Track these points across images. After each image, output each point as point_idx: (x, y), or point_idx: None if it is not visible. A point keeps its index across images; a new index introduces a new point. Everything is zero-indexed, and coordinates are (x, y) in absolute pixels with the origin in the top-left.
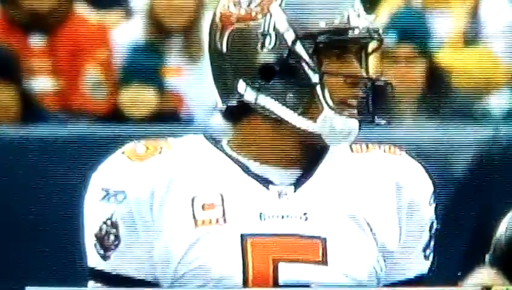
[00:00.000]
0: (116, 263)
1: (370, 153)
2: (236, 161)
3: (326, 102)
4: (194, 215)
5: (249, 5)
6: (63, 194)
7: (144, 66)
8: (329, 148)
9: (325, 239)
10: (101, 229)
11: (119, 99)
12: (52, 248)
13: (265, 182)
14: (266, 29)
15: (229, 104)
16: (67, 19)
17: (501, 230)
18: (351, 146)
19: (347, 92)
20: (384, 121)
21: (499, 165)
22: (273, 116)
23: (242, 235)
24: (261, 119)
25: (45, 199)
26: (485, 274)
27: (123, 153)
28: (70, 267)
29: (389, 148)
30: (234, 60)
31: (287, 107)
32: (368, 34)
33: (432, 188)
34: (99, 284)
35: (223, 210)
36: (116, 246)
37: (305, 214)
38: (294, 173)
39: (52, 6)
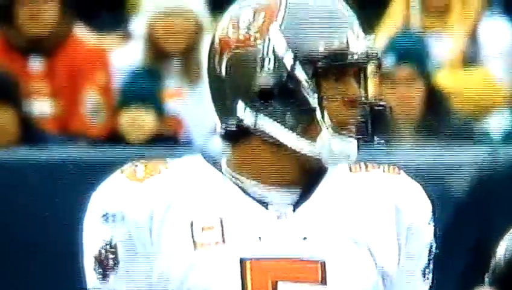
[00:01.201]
0: (115, 286)
1: (369, 172)
2: (235, 182)
3: (325, 124)
4: (193, 237)
5: (248, 30)
6: (61, 217)
7: (143, 89)
8: (328, 169)
9: (324, 261)
10: (100, 252)
11: (118, 122)
12: (51, 271)
13: (264, 203)
14: (265, 52)
15: (228, 127)
16: (66, 42)
17: (500, 250)
18: (350, 166)
19: (346, 114)
20: (383, 141)
21: (497, 186)
22: (271, 138)
23: (241, 258)
24: (259, 141)
25: (44, 222)
26: None
27: (122, 173)
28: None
29: (388, 167)
30: (233, 84)
31: (286, 129)
32: (366, 57)
33: (431, 210)
34: None
35: (222, 232)
36: (115, 268)
37: (304, 235)
38: (294, 193)
39: (52, 30)
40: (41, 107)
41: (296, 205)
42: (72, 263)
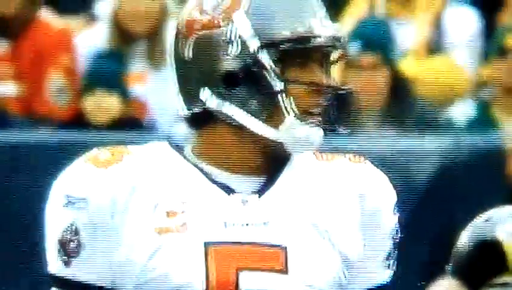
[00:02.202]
0: (78, 270)
1: (334, 161)
2: (200, 168)
3: (289, 110)
4: (156, 222)
5: (213, 12)
6: (24, 200)
7: (108, 73)
8: (292, 155)
9: (286, 248)
10: (62, 236)
11: (83, 105)
12: (14, 255)
13: (229, 189)
14: (230, 36)
15: (192, 111)
16: (31, 24)
17: (463, 240)
18: (315, 154)
19: (310, 100)
20: (347, 130)
21: (461, 175)
22: (236, 123)
23: (205, 243)
24: (224, 127)
25: (6, 205)
26: (446, 284)
27: (85, 159)
28: (31, 274)
29: (354, 156)
30: (198, 68)
31: (251, 114)
32: (331, 42)
33: (394, 198)
34: None
35: (186, 218)
36: (78, 252)
37: (267, 222)
38: (258, 180)
39: (16, 12)
40: (5, 89)
41: (260, 192)
42: (35, 247)
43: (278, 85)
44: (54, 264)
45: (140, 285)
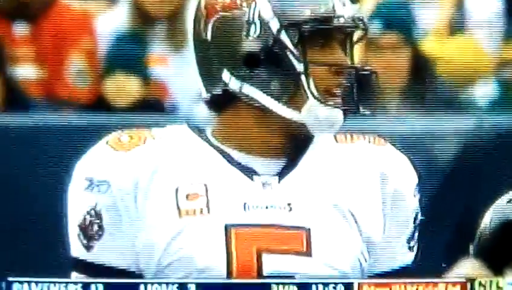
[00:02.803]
0: (100, 254)
1: (355, 143)
2: (221, 151)
3: (311, 91)
4: (177, 205)
5: None
6: (46, 184)
7: (128, 55)
8: (313, 138)
9: (309, 230)
10: (84, 219)
11: (103, 88)
12: (35, 238)
13: (250, 172)
14: (251, 17)
15: (213, 93)
16: (51, 7)
17: (485, 221)
18: (335, 136)
19: (332, 81)
20: (369, 112)
21: (483, 156)
22: (257, 105)
23: (226, 226)
24: (245, 109)
25: (28, 189)
26: (469, 266)
27: (107, 142)
28: (53, 258)
29: (374, 139)
30: (219, 49)
31: (272, 96)
32: (352, 22)
33: (416, 179)
34: (82, 275)
35: (207, 200)
36: (100, 236)
37: (289, 204)
38: (279, 163)
39: None
40: (26, 72)
41: (281, 175)
42: (57, 231)
43: (299, 66)
44: (76, 248)
45: (162, 268)
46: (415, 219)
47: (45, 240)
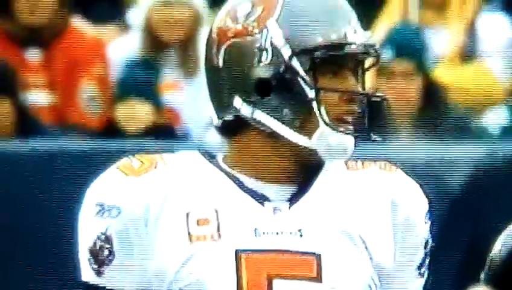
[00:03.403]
0: (110, 278)
1: (365, 170)
2: (231, 177)
3: (322, 118)
4: (188, 230)
5: (245, 20)
6: (57, 208)
7: (140, 81)
8: (324, 164)
9: (319, 256)
10: (95, 244)
11: (115, 114)
12: (47, 262)
13: (260, 198)
14: (263, 44)
15: (224, 119)
16: (63, 33)
17: (496, 248)
18: (346, 163)
19: (343, 108)
20: (380, 138)
21: (494, 183)
22: (268, 131)
23: (236, 251)
24: (256, 135)
25: (39, 213)
26: None
27: (118, 168)
28: (64, 282)
29: (385, 165)
30: (230, 75)
31: (283, 122)
32: (364, 49)
33: (427, 206)
34: None
35: (218, 226)
36: (110, 261)
37: (299, 230)
38: (290, 189)
39: (49, 20)
40: (38, 98)
41: (292, 201)
42: (67, 256)
43: (311, 93)
44: (87, 273)
45: None
46: (426, 245)
47: (56, 265)
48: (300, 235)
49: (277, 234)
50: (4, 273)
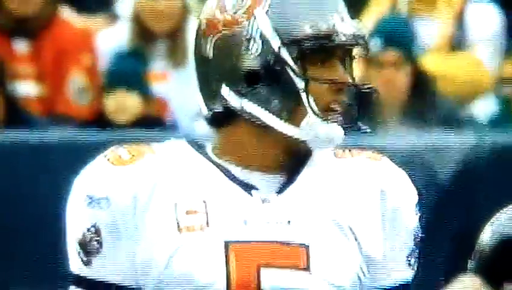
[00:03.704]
0: (99, 269)
1: (354, 158)
2: (220, 167)
3: (311, 108)
4: (177, 221)
5: (234, 11)
6: (46, 199)
7: (129, 72)
8: (312, 154)
9: (308, 246)
10: (83, 235)
11: (104, 104)
12: (35, 253)
13: (249, 188)
14: (251, 34)
15: (213, 110)
16: (51, 23)
17: (484, 237)
18: (334, 151)
19: (332, 98)
20: (369, 128)
21: (483, 172)
22: (257, 122)
23: (225, 242)
24: (245, 125)
25: (28, 204)
26: (468, 282)
27: (106, 157)
28: (52, 273)
29: (373, 154)
30: (219, 66)
31: (272, 112)
32: (353, 39)
33: (416, 196)
34: None
35: (207, 216)
36: (99, 252)
37: (288, 220)
38: (278, 179)
39: (37, 11)
40: (27, 89)
41: (280, 191)
42: (55, 247)
43: (299, 83)
44: (75, 264)
45: (161, 284)
46: (415, 235)
47: (44, 255)
48: (289, 225)
49: (266, 224)
50: None
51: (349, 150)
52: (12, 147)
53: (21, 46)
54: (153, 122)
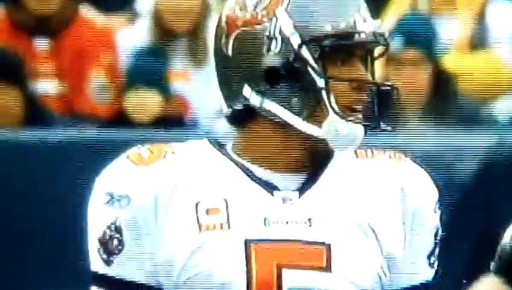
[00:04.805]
0: (120, 268)
1: (375, 159)
2: (241, 166)
3: (332, 107)
4: (198, 220)
5: (255, 9)
6: (66, 198)
7: (149, 70)
8: (334, 153)
9: (329, 245)
10: (104, 234)
11: (124, 103)
12: (56, 252)
13: (270, 187)
14: (272, 32)
15: (234, 109)
16: (72, 22)
17: (506, 237)
18: (356, 152)
19: (352, 96)
20: (390, 127)
21: (504, 172)
22: (278, 120)
23: (246, 241)
24: (266, 124)
25: (49, 203)
26: (489, 282)
27: (127, 157)
28: (73, 272)
29: (394, 154)
30: (240, 64)
31: (292, 111)
32: (374, 38)
33: (437, 195)
34: (102, 289)
35: (227, 215)
36: (120, 250)
37: (309, 219)
38: (299, 178)
39: (58, 9)
40: (47, 87)
41: (301, 190)
42: (77, 245)
43: (320, 82)
44: (96, 262)
45: (181, 283)
46: (436, 234)
47: (65, 254)
48: (310, 225)
49: (286, 223)
50: (12, 265)
51: (371, 151)
52: (33, 146)
53: (42, 45)
54: (174, 122)
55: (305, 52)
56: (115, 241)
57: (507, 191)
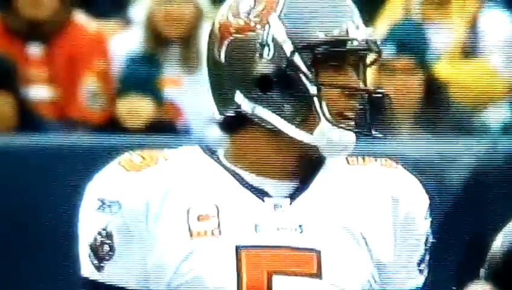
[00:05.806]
0: (110, 274)
1: (366, 166)
2: (232, 172)
3: (324, 114)
4: (189, 226)
5: (248, 16)
6: (58, 203)
7: (142, 77)
8: (325, 160)
9: (319, 252)
10: (95, 240)
11: (117, 109)
12: (46, 257)
13: (261, 193)
14: (265, 39)
15: (226, 115)
16: (65, 28)
17: (496, 244)
18: (347, 159)
19: (344, 104)
20: (382, 134)
21: (495, 179)
22: (270, 127)
23: (237, 247)
24: (257, 131)
25: (40, 208)
26: (479, 289)
27: (119, 163)
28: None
29: (386, 161)
30: (232, 71)
31: (284, 118)
32: (366, 45)
33: (427, 202)
34: None
35: (218, 221)
36: (111, 256)
37: (300, 226)
38: (290, 185)
39: (51, 15)
40: (39, 93)
41: (292, 197)
42: (68, 250)
43: (312, 89)
44: (87, 268)
45: (172, 289)
46: (426, 241)
47: (56, 259)
48: (301, 232)
49: (277, 230)
50: (3, 269)
51: (362, 158)
52: (25, 151)
53: (34, 50)
54: (166, 128)
55: (297, 59)
56: (106, 247)
57: (497, 199)
